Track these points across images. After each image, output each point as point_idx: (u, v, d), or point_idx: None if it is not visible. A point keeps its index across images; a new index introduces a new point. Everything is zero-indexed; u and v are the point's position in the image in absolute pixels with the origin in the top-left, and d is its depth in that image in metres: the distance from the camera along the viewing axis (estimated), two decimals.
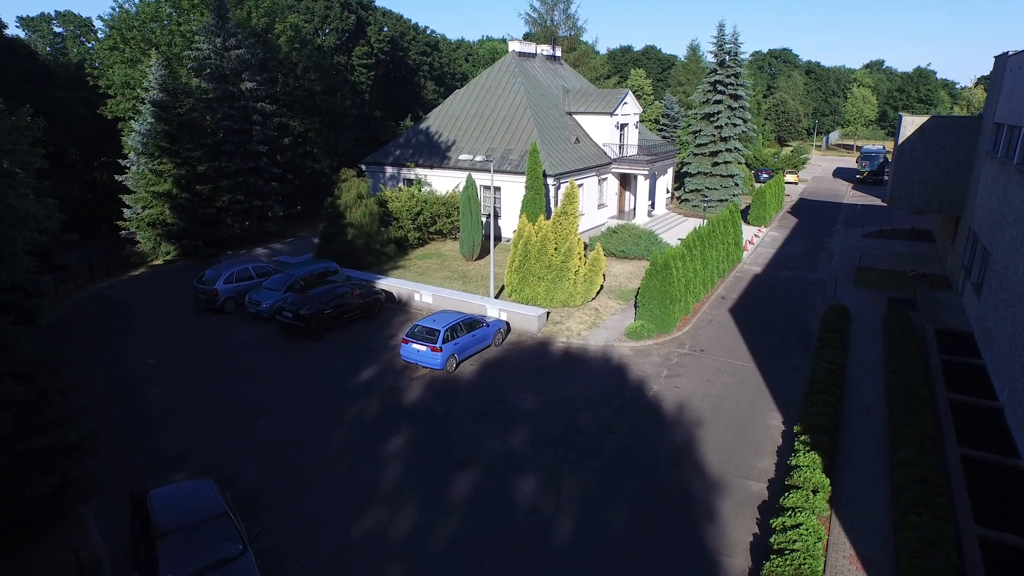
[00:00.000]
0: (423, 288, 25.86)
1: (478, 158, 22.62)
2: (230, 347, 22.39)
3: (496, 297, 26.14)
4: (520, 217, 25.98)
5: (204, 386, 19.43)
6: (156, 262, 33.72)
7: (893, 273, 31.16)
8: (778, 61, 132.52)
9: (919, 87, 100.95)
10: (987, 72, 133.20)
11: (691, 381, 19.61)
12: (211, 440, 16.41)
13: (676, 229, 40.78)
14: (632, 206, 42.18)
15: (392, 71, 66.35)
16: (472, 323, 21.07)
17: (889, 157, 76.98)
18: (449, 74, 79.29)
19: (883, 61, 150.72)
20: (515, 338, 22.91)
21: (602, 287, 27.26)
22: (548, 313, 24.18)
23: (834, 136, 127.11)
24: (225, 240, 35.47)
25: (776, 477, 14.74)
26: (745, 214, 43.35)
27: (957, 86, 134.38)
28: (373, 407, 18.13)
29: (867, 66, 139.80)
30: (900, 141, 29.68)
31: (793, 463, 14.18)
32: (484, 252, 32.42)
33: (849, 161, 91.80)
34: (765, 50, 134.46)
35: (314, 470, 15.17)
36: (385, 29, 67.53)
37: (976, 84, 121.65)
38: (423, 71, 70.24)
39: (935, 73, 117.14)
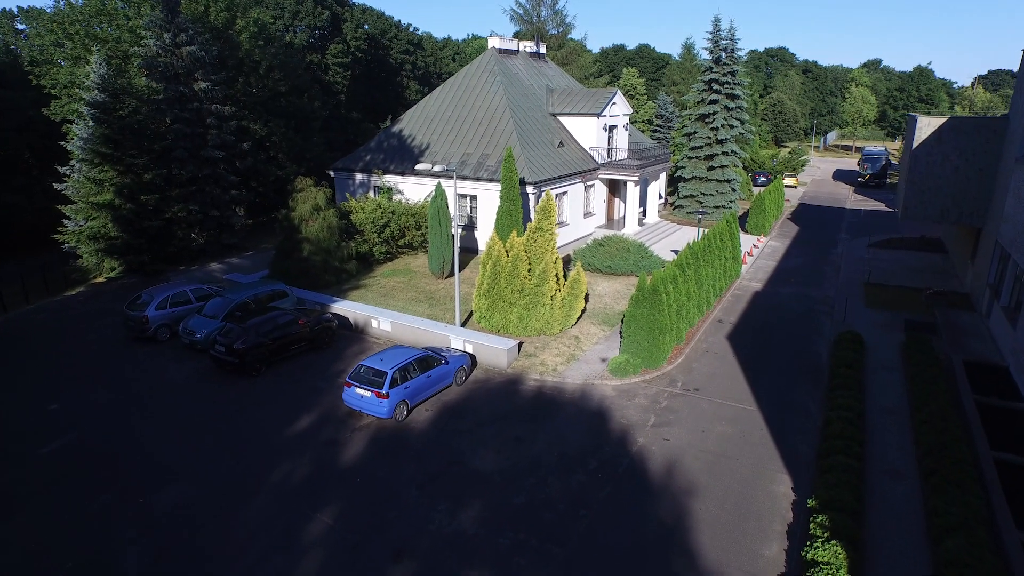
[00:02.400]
0: (381, 314, 22.86)
1: (436, 168, 19.66)
2: (153, 387, 19.37)
3: (464, 324, 23.18)
4: (492, 233, 23.02)
5: (108, 440, 16.41)
6: (98, 280, 30.66)
7: (906, 290, 28.28)
8: (775, 60, 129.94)
9: (920, 86, 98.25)
10: (985, 72, 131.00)
11: (683, 431, 16.66)
12: (95, 520, 13.38)
13: (669, 239, 37.90)
14: (622, 214, 39.29)
15: (373, 70, 63.36)
16: (428, 361, 18.08)
17: (892, 159, 74.26)
18: (435, 73, 76.39)
19: (880, 60, 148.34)
20: (481, 374, 19.93)
21: (584, 310, 24.33)
22: (520, 344, 21.20)
23: (832, 136, 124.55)
24: (177, 255, 32.43)
25: (787, 572, 11.79)
26: (743, 221, 40.51)
27: (955, 85, 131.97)
28: (303, 469, 15.14)
29: (864, 65, 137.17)
30: (915, 144, 26.81)
31: (810, 557, 11.25)
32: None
33: (849, 162, 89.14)
34: (761, 49, 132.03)
35: (214, 561, 12.17)
36: (366, 27, 64.57)
37: (974, 84, 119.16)
38: (406, 70, 67.27)
39: (934, 72, 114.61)
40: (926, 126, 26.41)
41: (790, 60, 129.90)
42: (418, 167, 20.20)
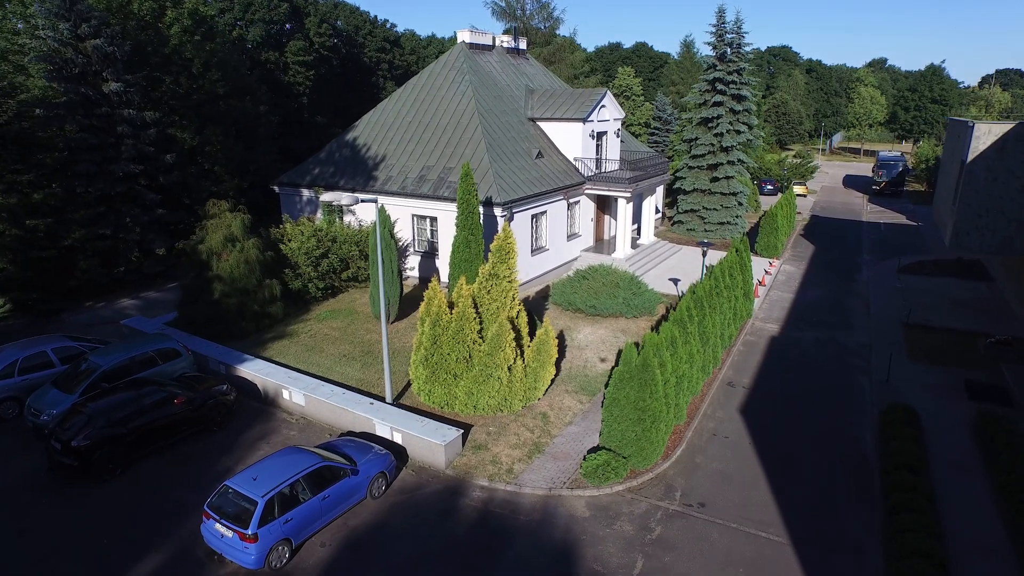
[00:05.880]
0: (294, 382, 17.61)
1: (344, 199, 14.45)
2: None
3: (401, 395, 17.96)
4: (433, 281, 17.81)
5: None
6: None
7: (958, 335, 23.13)
8: (777, 59, 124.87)
9: (932, 86, 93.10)
10: (992, 71, 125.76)
11: None
12: None
13: (668, 262, 32.73)
14: (612, 234, 34.13)
15: (347, 69, 58.09)
16: (328, 474, 12.84)
17: (910, 165, 69.13)
18: (416, 73, 71.10)
19: (886, 59, 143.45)
20: (411, 478, 14.72)
21: (558, 372, 19.14)
22: (467, 432, 15.96)
23: (837, 138, 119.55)
24: (81, 289, 27.21)
25: None
26: (751, 238, 35.26)
27: (960, 85, 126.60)
28: None
29: (870, 64, 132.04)
30: (970, 157, 21.69)
31: None
32: (409, 309, 24.25)
33: (858, 167, 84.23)
34: (764, 48, 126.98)
35: None
36: (339, 23, 59.38)
37: (982, 84, 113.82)
38: (382, 70, 62.05)
39: (946, 71, 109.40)
40: (985, 134, 21.28)
41: (793, 59, 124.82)
42: (323, 197, 15.12)
